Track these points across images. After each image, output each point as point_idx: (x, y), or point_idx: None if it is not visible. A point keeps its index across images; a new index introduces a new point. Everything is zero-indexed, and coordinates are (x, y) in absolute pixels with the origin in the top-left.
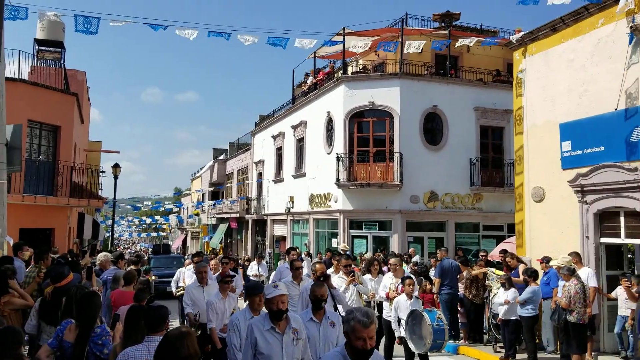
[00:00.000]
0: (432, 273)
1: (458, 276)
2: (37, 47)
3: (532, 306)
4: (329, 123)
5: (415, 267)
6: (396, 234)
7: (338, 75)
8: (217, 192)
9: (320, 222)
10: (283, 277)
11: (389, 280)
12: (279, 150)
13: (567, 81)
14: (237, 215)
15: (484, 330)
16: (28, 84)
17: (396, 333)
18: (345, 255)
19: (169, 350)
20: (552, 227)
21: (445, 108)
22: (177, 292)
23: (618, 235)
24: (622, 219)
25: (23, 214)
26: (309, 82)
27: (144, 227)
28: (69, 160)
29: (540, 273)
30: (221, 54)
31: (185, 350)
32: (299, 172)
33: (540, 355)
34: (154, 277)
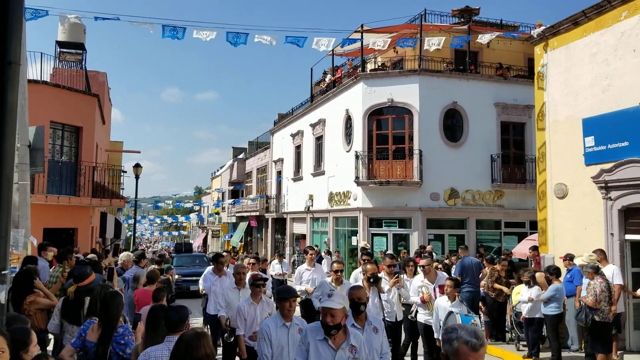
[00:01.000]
0: (452, 271)
1: (480, 274)
2: (58, 49)
3: (556, 304)
4: (348, 121)
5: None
6: (416, 231)
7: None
8: (236, 191)
9: (340, 220)
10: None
11: (419, 282)
12: (298, 148)
13: (589, 76)
14: (257, 213)
15: (506, 329)
16: (50, 86)
17: (436, 335)
18: (389, 254)
19: (185, 350)
20: (575, 224)
21: (465, 104)
22: (203, 290)
23: None
24: None
25: (46, 214)
26: (327, 80)
27: (165, 225)
28: (90, 161)
29: (563, 271)
30: (240, 53)
31: (201, 350)
32: (318, 170)
33: (564, 354)
34: (177, 276)
